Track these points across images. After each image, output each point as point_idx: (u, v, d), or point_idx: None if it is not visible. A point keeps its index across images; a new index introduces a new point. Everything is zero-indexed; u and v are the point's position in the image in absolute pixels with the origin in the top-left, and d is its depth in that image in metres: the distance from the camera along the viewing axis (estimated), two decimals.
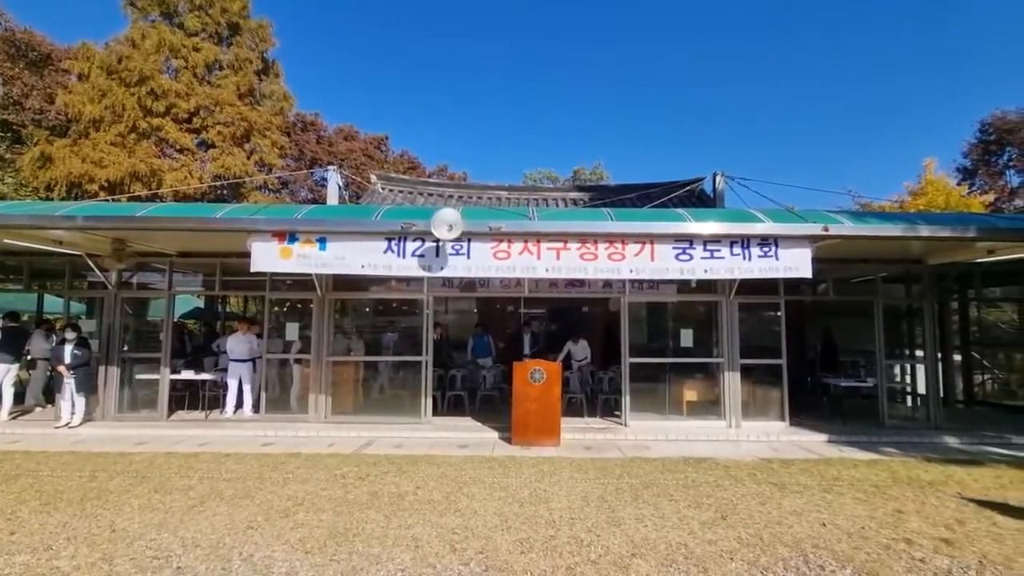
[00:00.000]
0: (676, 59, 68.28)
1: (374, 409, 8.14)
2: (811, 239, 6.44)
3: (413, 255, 6.22)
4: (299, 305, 9.00)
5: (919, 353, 9.16)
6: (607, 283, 8.29)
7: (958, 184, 20.01)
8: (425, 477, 5.55)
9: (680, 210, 7.02)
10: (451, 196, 12.31)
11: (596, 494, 5.09)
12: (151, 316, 10.22)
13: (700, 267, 6.40)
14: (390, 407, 8.07)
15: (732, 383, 7.87)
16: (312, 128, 26.35)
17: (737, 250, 6.42)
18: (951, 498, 5.11)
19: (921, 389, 8.97)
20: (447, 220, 5.75)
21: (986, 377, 11.52)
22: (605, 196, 12.38)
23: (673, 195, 11.10)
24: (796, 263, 6.41)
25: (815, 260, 6.66)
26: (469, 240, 6.29)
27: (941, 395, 9.17)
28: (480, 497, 4.93)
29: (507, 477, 5.58)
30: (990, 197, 19.65)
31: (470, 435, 7.41)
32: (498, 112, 68.74)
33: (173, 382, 8.25)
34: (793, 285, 7.91)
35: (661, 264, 6.37)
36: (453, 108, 67.39)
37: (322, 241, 6.19)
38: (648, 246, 6.41)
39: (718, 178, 10.08)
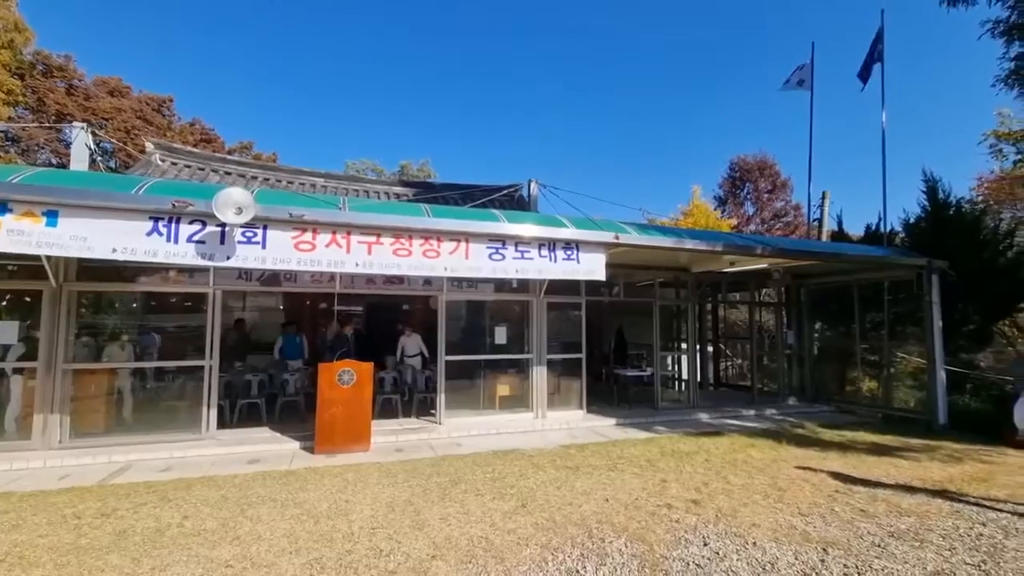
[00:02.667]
0: (516, 63, 71.78)
1: (136, 427, 6.64)
2: (605, 245, 7.22)
3: (190, 240, 5.19)
4: (28, 298, 6.92)
5: (684, 345, 11.05)
6: (427, 280, 8.17)
7: (715, 209, 24.90)
8: (199, 503, 4.69)
9: (495, 211, 7.23)
10: (255, 178, 10.83)
11: (403, 498, 4.90)
12: None
13: (512, 267, 6.67)
14: (159, 423, 6.67)
15: (540, 377, 8.42)
16: (60, 74, 19.97)
17: (545, 252, 6.85)
18: (700, 465, 6.18)
19: (685, 375, 10.82)
20: (235, 201, 4.94)
21: (728, 364, 14.51)
22: (430, 193, 12.27)
23: (494, 197, 11.50)
24: (593, 267, 7.11)
25: (609, 265, 7.50)
26: (265, 227, 5.52)
27: (698, 379, 11.25)
28: (268, 519, 4.34)
29: (304, 492, 5.03)
30: (734, 221, 24.87)
31: (265, 448, 6.55)
32: (320, 97, 63.40)
33: None
34: (594, 287, 8.80)
35: (475, 263, 6.46)
36: (264, 83, 59.94)
37: (51, 215, 4.76)
38: (463, 244, 6.44)
39: (533, 184, 10.76)
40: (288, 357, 8.93)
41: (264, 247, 5.49)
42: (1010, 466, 6.38)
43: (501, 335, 8.60)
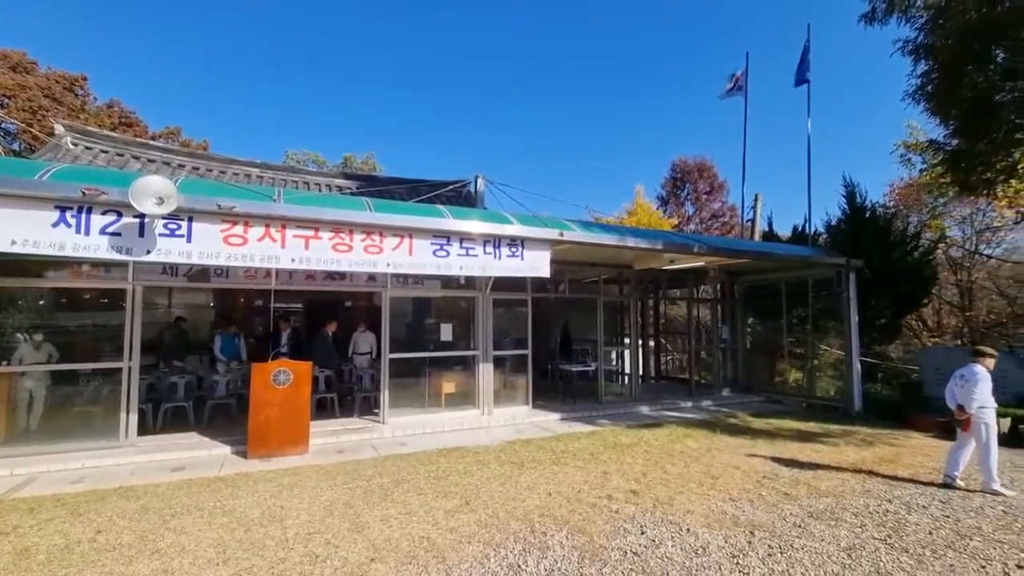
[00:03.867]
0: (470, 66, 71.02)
1: (43, 435, 6.05)
2: (551, 242, 7.29)
3: (103, 233, 4.77)
4: None
5: (627, 341, 11.37)
6: (371, 276, 7.95)
7: (657, 208, 25.77)
8: (115, 516, 4.34)
9: (440, 206, 7.13)
10: (182, 166, 10.11)
11: (342, 501, 4.75)
12: None
13: (456, 263, 6.61)
14: (71, 430, 6.10)
15: (486, 374, 8.41)
16: None
17: (490, 249, 6.83)
18: (640, 456, 6.37)
19: (628, 369, 11.14)
20: (155, 190, 4.58)
21: (668, 358, 15.09)
22: (374, 186, 11.93)
23: (441, 192, 11.35)
24: (538, 263, 7.16)
25: (555, 262, 7.58)
26: (191, 219, 5.16)
27: (640, 373, 11.63)
28: (193, 529, 4.07)
29: (235, 499, 4.77)
30: (675, 221, 25.85)
31: (192, 454, 6.15)
32: (261, 83, 60.16)
33: None
34: (540, 284, 8.87)
35: (419, 259, 6.34)
36: (196, 64, 56.02)
37: None
38: (407, 240, 6.31)
39: (480, 181, 10.71)
40: (228, 357, 8.41)
41: (189, 240, 5.14)
42: (913, 448, 7.00)
43: (447, 332, 8.52)
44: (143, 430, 6.58)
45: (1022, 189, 10.09)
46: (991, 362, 5.36)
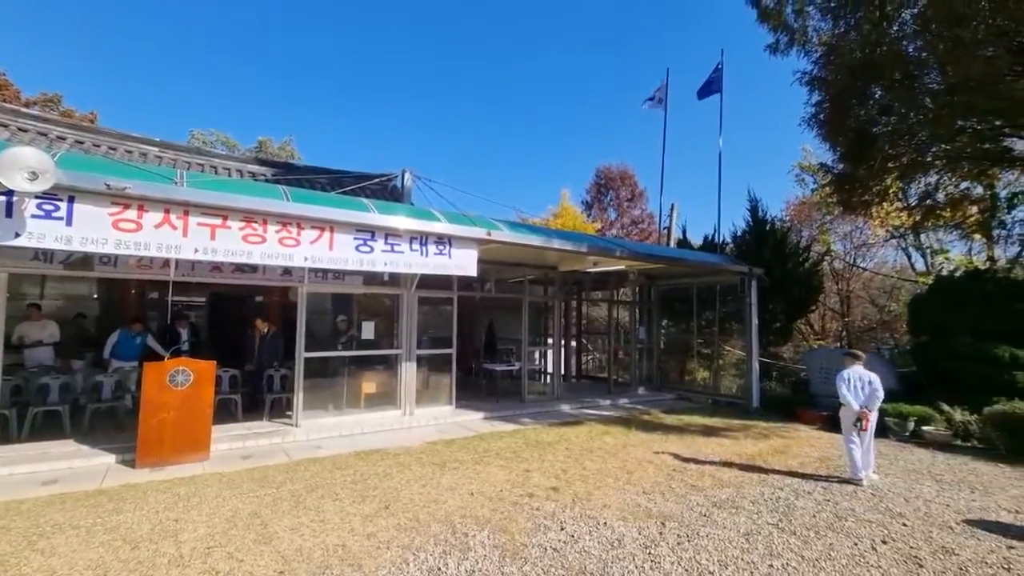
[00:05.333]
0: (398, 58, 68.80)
1: None
2: (478, 241, 7.25)
3: None
4: None
5: (550, 340, 11.61)
6: (287, 270, 7.47)
7: (582, 212, 26.60)
8: None
9: (365, 200, 6.85)
10: (63, 139, 8.89)
11: (248, 510, 4.40)
12: None
13: (381, 260, 6.38)
14: None
15: (409, 373, 8.20)
16: None
17: (416, 246, 6.67)
18: (561, 453, 6.52)
19: (550, 369, 11.38)
20: (26, 163, 3.97)
21: (589, 357, 15.62)
22: (293, 175, 11.23)
23: (366, 185, 10.93)
24: (465, 262, 7.10)
25: (482, 261, 7.55)
26: (72, 199, 4.54)
27: (563, 372, 11.93)
28: (66, 550, 3.59)
29: (120, 513, 4.27)
30: (599, 225, 26.82)
31: (67, 465, 5.43)
32: (162, 58, 54.45)
33: None
34: (466, 283, 8.80)
35: (341, 254, 6.04)
36: (80, 30, 49.62)
37: None
38: (328, 233, 5.99)
39: (407, 175, 10.44)
40: (119, 357, 7.46)
41: (69, 224, 4.53)
42: (802, 440, 7.75)
43: (368, 330, 8.21)
44: (4, 438, 5.72)
45: (892, 211, 11.54)
46: (861, 363, 6.01)
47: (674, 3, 56.02)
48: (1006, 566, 3.76)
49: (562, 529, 4.16)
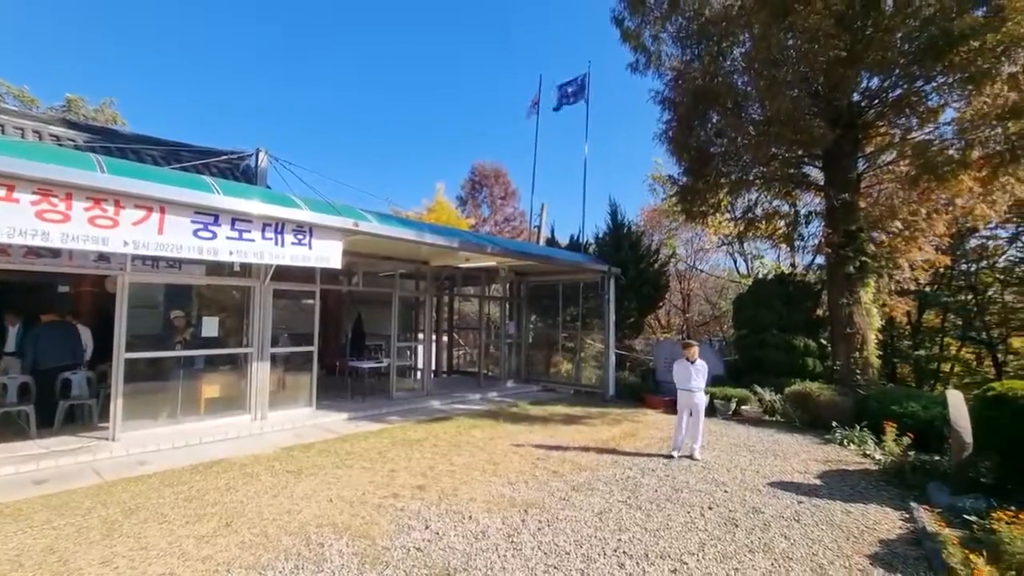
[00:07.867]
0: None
1: None
2: (344, 232, 6.80)
3: None
4: None
5: (421, 336, 11.40)
6: (102, 256, 6.26)
7: (456, 207, 26.61)
8: None
9: (207, 178, 6.00)
10: None
11: (40, 546, 3.60)
12: None
13: (226, 248, 5.63)
14: None
15: (261, 374, 7.42)
16: None
17: (270, 234, 6.03)
18: (429, 450, 6.41)
19: (420, 364, 11.18)
20: None
21: (460, 352, 15.67)
22: (115, 143, 9.48)
23: (210, 162, 9.64)
24: (328, 254, 6.61)
25: (349, 253, 7.11)
26: None
27: (433, 368, 11.79)
28: None
29: None
30: (472, 221, 27.07)
31: None
32: None
33: None
34: (331, 275, 8.23)
35: (173, 239, 5.21)
36: None
37: None
38: (157, 215, 5.12)
39: (262, 155, 9.43)
40: None
41: None
42: (648, 423, 8.60)
43: (212, 326, 7.25)
44: None
45: (723, 221, 13.35)
46: (695, 351, 6.87)
47: (554, 6, 58.45)
48: (796, 517, 4.56)
49: (427, 527, 4.08)
